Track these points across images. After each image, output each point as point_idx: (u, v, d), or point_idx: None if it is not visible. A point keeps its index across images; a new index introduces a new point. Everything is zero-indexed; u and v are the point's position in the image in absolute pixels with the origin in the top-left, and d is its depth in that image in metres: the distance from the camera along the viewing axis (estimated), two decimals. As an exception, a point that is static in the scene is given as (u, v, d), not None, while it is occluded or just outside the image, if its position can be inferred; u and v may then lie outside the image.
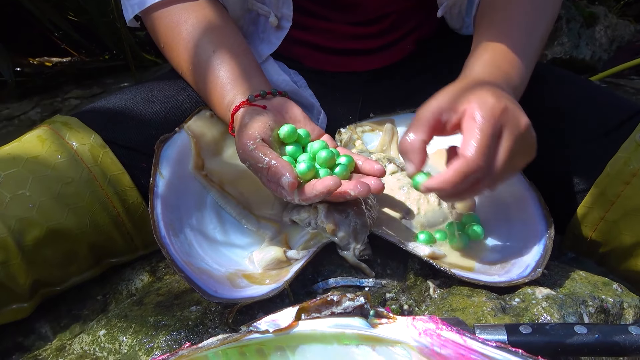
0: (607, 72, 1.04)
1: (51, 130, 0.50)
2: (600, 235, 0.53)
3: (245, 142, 0.45)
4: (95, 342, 0.42)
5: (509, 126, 0.41)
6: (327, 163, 0.46)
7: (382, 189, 0.44)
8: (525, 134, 0.42)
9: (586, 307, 0.41)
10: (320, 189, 0.42)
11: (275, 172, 0.43)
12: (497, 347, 0.29)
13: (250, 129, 0.46)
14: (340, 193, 0.43)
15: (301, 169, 0.45)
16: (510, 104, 0.42)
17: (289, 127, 0.48)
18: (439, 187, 0.41)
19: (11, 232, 0.44)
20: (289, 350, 0.33)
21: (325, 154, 0.46)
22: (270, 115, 0.48)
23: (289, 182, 0.42)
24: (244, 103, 0.48)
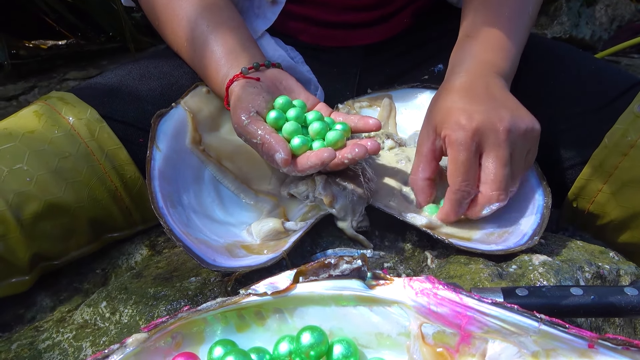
0: (607, 51, 1.03)
1: (47, 106, 0.50)
2: (597, 208, 0.53)
3: (240, 115, 0.45)
4: (96, 312, 0.42)
5: (486, 141, 0.43)
6: (320, 135, 0.46)
7: (378, 148, 0.44)
8: (510, 136, 0.43)
9: (582, 272, 0.41)
10: (315, 160, 0.42)
11: (269, 149, 0.43)
12: (493, 304, 0.29)
13: (244, 102, 0.46)
14: (338, 161, 0.43)
15: (295, 144, 0.44)
16: (484, 116, 0.43)
17: (284, 98, 0.47)
18: (444, 221, 0.46)
19: (9, 206, 0.44)
20: (287, 313, 0.33)
21: (318, 125, 0.46)
22: (264, 87, 0.47)
23: (282, 159, 0.42)
24: (237, 76, 0.48)
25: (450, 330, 0.30)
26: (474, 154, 0.43)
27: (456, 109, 0.44)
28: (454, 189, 0.44)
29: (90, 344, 0.40)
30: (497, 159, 0.43)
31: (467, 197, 0.44)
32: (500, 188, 0.43)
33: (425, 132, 0.47)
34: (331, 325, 0.32)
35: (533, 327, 0.28)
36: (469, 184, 0.43)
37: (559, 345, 0.27)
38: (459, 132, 0.43)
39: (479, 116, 0.43)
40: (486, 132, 0.43)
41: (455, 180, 0.43)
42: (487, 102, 0.45)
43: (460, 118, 0.43)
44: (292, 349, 0.31)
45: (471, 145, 0.43)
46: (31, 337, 0.42)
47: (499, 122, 0.43)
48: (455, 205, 0.44)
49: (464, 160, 0.43)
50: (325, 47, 0.62)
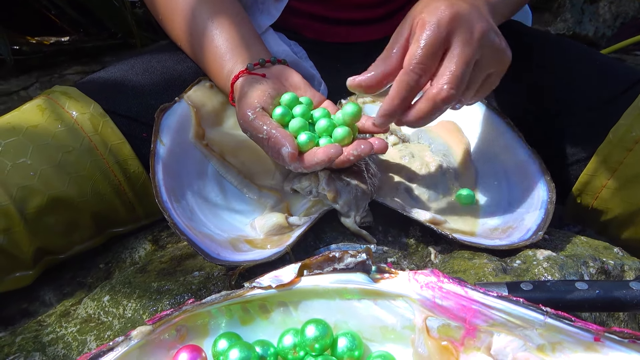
0: (611, 48, 1.02)
1: (50, 100, 0.50)
2: (601, 204, 0.53)
3: (246, 111, 0.45)
4: (100, 307, 0.42)
5: (458, 33, 0.40)
6: (327, 132, 0.46)
7: (385, 147, 0.43)
8: (483, 40, 0.40)
9: (587, 267, 0.41)
10: (322, 157, 0.42)
11: (275, 143, 0.43)
12: (499, 297, 0.29)
13: (250, 98, 0.45)
14: (344, 157, 0.43)
15: (302, 140, 0.44)
16: (465, 10, 0.40)
17: (290, 94, 0.47)
18: (388, 104, 0.41)
19: (13, 200, 0.44)
20: (291, 306, 0.33)
21: (325, 122, 0.45)
22: (270, 84, 0.47)
23: (288, 153, 0.42)
24: (243, 72, 0.48)
25: (455, 324, 0.30)
26: (441, 43, 0.40)
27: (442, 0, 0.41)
28: (407, 69, 0.40)
29: (95, 337, 0.40)
30: (461, 56, 0.39)
31: (417, 84, 0.40)
32: (455, 83, 0.39)
33: (399, 29, 0.43)
34: (336, 318, 0.32)
35: (539, 320, 0.28)
36: (423, 68, 0.39)
37: (565, 338, 0.27)
38: (434, 15, 0.40)
39: (459, 8, 0.40)
40: (461, 24, 0.40)
41: (410, 62, 0.40)
42: (472, 7, 0.41)
43: (441, 4, 0.40)
44: (296, 342, 0.31)
45: (442, 31, 0.39)
46: (35, 331, 0.42)
47: (477, 22, 0.40)
48: (402, 89, 0.40)
49: (429, 43, 0.39)
50: (329, 43, 0.62)
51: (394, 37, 0.44)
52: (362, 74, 0.43)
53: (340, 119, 0.46)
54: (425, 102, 0.40)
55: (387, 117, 0.42)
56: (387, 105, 0.41)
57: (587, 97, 0.53)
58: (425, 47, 0.39)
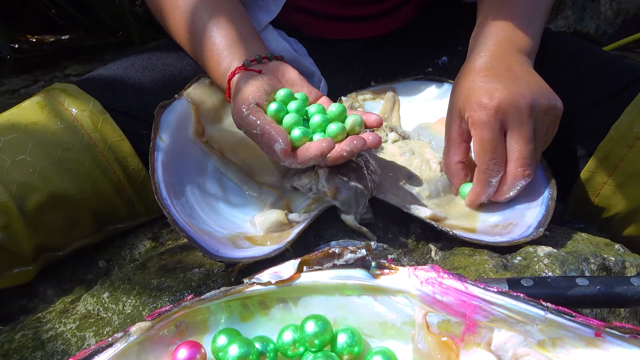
0: (612, 45, 1.02)
1: (50, 97, 0.50)
2: (602, 201, 0.53)
3: (240, 107, 0.44)
4: (99, 303, 0.42)
5: (509, 119, 0.43)
6: (321, 127, 0.45)
7: (378, 142, 0.43)
8: (533, 113, 0.44)
9: (588, 264, 0.41)
10: (314, 152, 0.42)
11: (268, 139, 0.42)
12: (499, 293, 0.29)
13: (244, 93, 0.45)
14: (337, 153, 0.43)
15: (295, 135, 0.43)
16: (505, 95, 0.43)
17: (285, 90, 0.46)
18: (474, 202, 0.47)
19: (12, 196, 0.44)
20: (291, 302, 0.33)
21: (319, 118, 0.45)
22: (265, 79, 0.47)
23: (281, 149, 0.41)
24: (239, 68, 0.47)
25: (455, 320, 0.30)
26: (499, 132, 0.43)
27: (477, 88, 0.45)
28: (483, 167, 0.44)
29: (94, 334, 0.40)
30: (520, 136, 0.43)
31: (496, 176, 0.44)
32: (525, 164, 0.43)
33: (451, 116, 0.48)
34: (335, 314, 0.32)
35: (539, 316, 0.28)
36: (497, 162, 0.44)
37: (566, 333, 0.27)
38: (481, 111, 0.43)
39: (500, 94, 0.43)
40: (508, 109, 0.43)
41: (483, 160, 0.44)
42: (508, 79, 0.45)
43: (482, 97, 0.44)
44: (296, 337, 0.31)
45: (495, 123, 0.43)
46: (34, 328, 0.42)
47: (521, 98, 0.43)
48: (485, 185, 0.45)
49: (490, 139, 0.43)
50: (329, 40, 0.62)
51: (446, 129, 0.49)
52: (455, 181, 0.49)
53: (334, 113, 0.45)
54: (508, 187, 0.45)
55: (474, 205, 0.47)
56: (475, 198, 0.47)
57: (589, 94, 0.53)
58: (487, 144, 0.43)
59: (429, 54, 0.62)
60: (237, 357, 0.29)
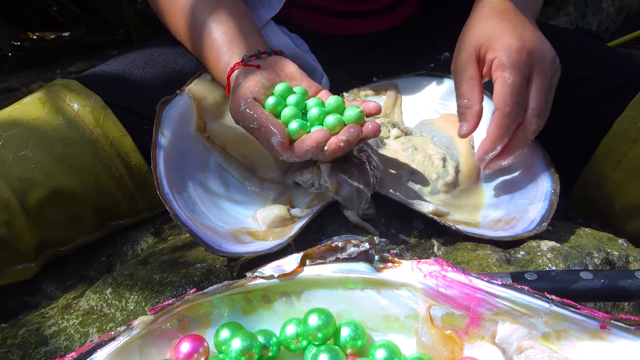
0: (614, 42, 1.02)
1: (51, 93, 0.50)
2: (606, 196, 0.52)
3: (238, 101, 0.44)
4: (102, 299, 0.42)
5: (536, 67, 0.43)
6: (319, 120, 0.44)
7: (377, 129, 0.42)
8: (552, 67, 0.44)
9: (591, 258, 0.41)
10: (310, 143, 0.41)
11: (265, 132, 0.42)
12: (503, 286, 0.29)
13: (242, 88, 0.45)
14: (334, 145, 0.42)
15: (292, 128, 0.43)
16: (534, 42, 0.43)
17: (284, 84, 0.46)
18: (490, 148, 0.44)
19: (14, 192, 0.44)
20: (294, 296, 0.33)
21: (316, 111, 0.44)
22: (263, 74, 0.46)
23: (278, 142, 0.41)
24: (238, 64, 0.47)
25: (459, 313, 0.29)
26: (527, 77, 0.43)
27: (505, 31, 0.43)
28: (507, 110, 0.42)
29: (97, 329, 0.40)
30: (541, 86, 0.43)
31: (516, 121, 0.43)
32: (539, 115, 0.43)
33: (466, 58, 0.46)
34: (338, 308, 0.32)
35: (544, 308, 0.27)
36: (521, 106, 0.43)
37: (570, 326, 0.27)
38: (512, 54, 0.42)
39: (531, 40, 0.43)
40: (537, 57, 0.43)
41: (507, 102, 0.42)
42: (531, 29, 0.44)
43: (513, 40, 0.43)
44: (299, 331, 0.31)
45: (524, 68, 0.42)
46: (37, 324, 0.42)
47: (547, 50, 0.44)
48: (504, 129, 0.43)
49: (519, 83, 0.42)
50: (331, 36, 0.61)
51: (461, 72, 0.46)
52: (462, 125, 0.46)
53: (333, 105, 0.45)
54: (517, 139, 0.44)
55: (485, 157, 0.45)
56: (489, 147, 0.44)
57: (592, 89, 0.53)
58: (515, 88, 0.42)
59: (431, 50, 0.62)
60: (240, 350, 0.29)
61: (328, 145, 0.42)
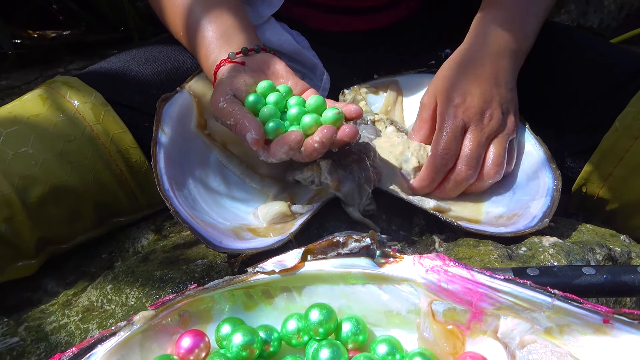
0: (616, 39, 1.01)
1: (52, 90, 0.50)
2: (607, 193, 0.52)
3: (217, 98, 0.44)
4: (103, 295, 0.42)
5: (472, 123, 0.47)
6: (298, 120, 0.44)
7: (354, 133, 0.42)
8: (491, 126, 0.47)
9: (594, 254, 0.41)
10: (282, 143, 0.41)
11: (241, 129, 0.42)
12: (506, 280, 0.28)
13: (223, 85, 0.45)
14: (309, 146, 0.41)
15: (268, 127, 0.42)
16: (476, 101, 0.47)
17: (266, 82, 0.45)
18: (419, 187, 0.48)
19: (15, 189, 0.44)
20: (295, 291, 0.33)
21: (295, 110, 0.44)
22: (248, 72, 0.46)
23: (252, 139, 0.41)
24: (224, 61, 0.47)
25: (461, 308, 0.29)
26: (460, 130, 0.47)
27: (456, 84, 0.48)
28: (435, 154, 0.47)
29: (97, 325, 0.40)
30: (474, 140, 0.47)
31: (445, 167, 0.47)
32: (470, 165, 0.47)
33: (427, 102, 0.51)
34: (340, 303, 0.32)
35: (546, 303, 0.27)
36: (449, 153, 0.47)
37: (573, 320, 0.27)
38: (450, 107, 0.48)
39: (472, 99, 0.47)
40: (473, 115, 0.47)
41: (437, 147, 0.47)
42: (487, 86, 0.48)
43: (455, 95, 0.48)
44: (300, 326, 0.31)
45: (457, 121, 0.47)
46: (38, 320, 0.42)
47: (488, 109, 0.47)
48: (432, 171, 0.47)
49: (449, 132, 0.47)
50: (332, 32, 0.61)
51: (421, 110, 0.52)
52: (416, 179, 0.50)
53: (312, 105, 0.44)
54: (450, 183, 0.48)
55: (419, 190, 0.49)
56: (420, 183, 0.49)
57: (594, 85, 0.53)
58: (446, 136, 0.47)
59: (432, 47, 0.62)
60: (241, 345, 0.29)
61: (304, 147, 0.42)
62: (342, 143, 0.43)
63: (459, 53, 0.51)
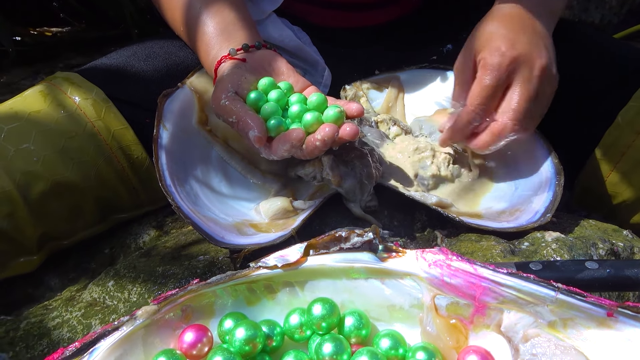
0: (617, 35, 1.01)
1: (53, 86, 0.49)
2: (609, 188, 0.52)
3: (219, 95, 0.44)
4: (105, 291, 0.42)
5: (518, 73, 0.44)
6: (299, 117, 0.43)
7: (355, 133, 0.42)
8: (542, 76, 0.44)
9: (596, 249, 0.41)
10: (284, 142, 0.41)
11: (243, 126, 0.42)
12: (509, 274, 0.28)
13: (224, 81, 0.45)
14: (310, 144, 0.41)
15: (270, 125, 0.42)
16: (523, 49, 0.43)
17: (267, 79, 0.45)
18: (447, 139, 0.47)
19: (16, 185, 0.44)
20: (297, 286, 0.32)
21: (297, 108, 0.43)
22: (248, 68, 0.46)
23: (255, 137, 0.41)
24: (225, 57, 0.46)
25: (464, 302, 0.29)
26: (503, 82, 0.44)
27: (499, 35, 0.45)
28: (469, 109, 0.45)
29: (100, 321, 0.40)
30: (524, 93, 0.43)
31: (476, 121, 0.45)
32: (518, 119, 0.44)
33: (464, 59, 0.48)
34: (342, 298, 0.32)
35: (550, 297, 0.27)
36: (484, 109, 0.44)
37: (577, 314, 0.27)
38: (496, 57, 0.44)
39: (520, 46, 0.44)
40: (522, 64, 0.43)
41: (473, 101, 0.44)
42: (531, 35, 0.45)
43: (501, 44, 0.44)
44: (303, 321, 0.31)
45: (504, 72, 0.43)
46: (40, 316, 0.42)
47: (538, 58, 0.44)
48: (462, 125, 0.46)
49: (491, 85, 0.44)
50: (333, 29, 0.61)
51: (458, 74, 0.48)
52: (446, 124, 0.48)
53: (314, 103, 0.44)
54: (490, 136, 0.45)
55: (447, 143, 0.48)
56: (449, 135, 0.47)
57: (596, 80, 0.53)
58: (486, 89, 0.44)
59: (434, 42, 0.61)
60: (243, 340, 0.29)
61: (306, 144, 0.41)
62: (343, 141, 0.43)
63: (494, 9, 0.48)
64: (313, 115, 0.42)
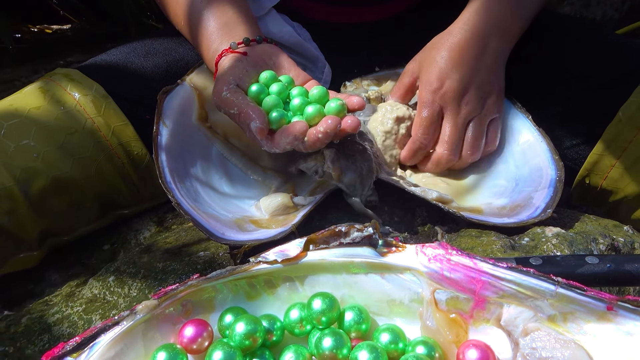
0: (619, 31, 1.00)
1: (52, 82, 0.49)
2: (610, 184, 0.52)
3: (220, 87, 0.44)
4: (105, 286, 0.42)
5: (448, 109, 0.49)
6: (301, 110, 0.44)
7: (356, 125, 0.42)
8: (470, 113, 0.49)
9: (597, 244, 0.41)
10: (287, 134, 0.41)
11: (245, 118, 0.42)
12: (509, 268, 0.28)
13: (225, 74, 0.45)
14: (313, 136, 0.41)
15: (272, 117, 0.42)
16: (453, 86, 0.48)
17: (269, 72, 0.45)
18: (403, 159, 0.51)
19: (17, 181, 0.44)
20: (297, 281, 0.32)
21: (298, 101, 0.43)
22: (250, 62, 0.46)
23: (257, 128, 0.41)
24: (225, 51, 0.47)
25: (464, 296, 0.29)
26: (437, 114, 0.49)
27: (437, 67, 0.49)
28: (414, 139, 0.50)
29: (100, 316, 0.40)
30: (453, 126, 0.49)
31: (423, 149, 0.50)
32: (452, 149, 0.49)
33: (411, 70, 0.52)
34: (342, 293, 0.32)
35: (550, 291, 0.27)
36: (426, 139, 0.49)
37: (577, 308, 0.27)
38: (428, 93, 0.49)
39: (450, 83, 0.48)
40: (451, 101, 0.48)
41: (416, 132, 0.50)
42: (467, 70, 0.49)
43: (435, 80, 0.49)
44: (303, 315, 0.31)
45: (437, 107, 0.49)
46: (41, 311, 0.42)
47: (465, 94, 0.48)
48: (411, 153, 0.51)
49: (426, 117, 0.49)
50: (333, 25, 0.61)
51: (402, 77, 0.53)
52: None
53: (315, 96, 0.44)
54: (432, 164, 0.51)
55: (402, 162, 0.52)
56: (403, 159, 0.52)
57: (598, 76, 0.52)
58: (424, 120, 0.49)
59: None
60: (243, 334, 0.29)
61: (308, 137, 0.42)
62: (344, 134, 0.44)
63: (448, 32, 0.51)
64: (315, 108, 0.43)
